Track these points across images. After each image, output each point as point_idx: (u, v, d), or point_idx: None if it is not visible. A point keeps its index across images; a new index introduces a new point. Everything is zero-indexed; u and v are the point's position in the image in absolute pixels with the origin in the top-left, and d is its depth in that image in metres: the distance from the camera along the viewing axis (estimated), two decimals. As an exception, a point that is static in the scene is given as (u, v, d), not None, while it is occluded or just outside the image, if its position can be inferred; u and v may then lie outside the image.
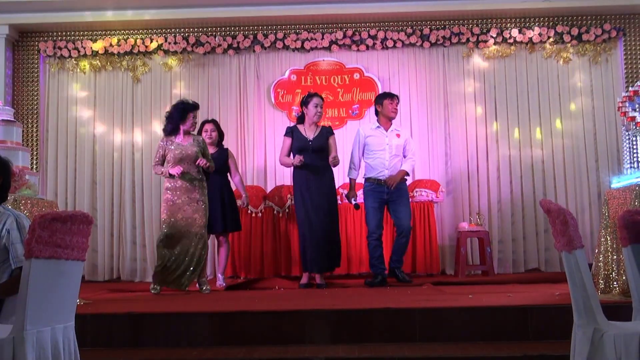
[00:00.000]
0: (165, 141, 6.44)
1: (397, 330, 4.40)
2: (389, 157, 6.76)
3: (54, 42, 8.54)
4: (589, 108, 8.37)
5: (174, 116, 6.44)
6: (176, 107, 6.50)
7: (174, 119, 6.43)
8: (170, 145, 6.39)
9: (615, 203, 5.26)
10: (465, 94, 8.46)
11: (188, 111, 6.45)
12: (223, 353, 4.14)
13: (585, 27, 8.33)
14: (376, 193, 6.71)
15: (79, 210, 4.78)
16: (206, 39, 8.49)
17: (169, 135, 6.45)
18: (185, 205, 6.29)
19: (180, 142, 6.41)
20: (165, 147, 6.42)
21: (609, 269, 5.18)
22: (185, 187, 6.32)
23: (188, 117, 6.44)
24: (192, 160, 6.37)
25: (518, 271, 8.15)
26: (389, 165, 6.74)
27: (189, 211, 6.29)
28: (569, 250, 2.94)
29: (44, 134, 8.56)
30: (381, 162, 6.74)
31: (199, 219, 6.30)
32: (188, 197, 6.31)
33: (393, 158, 6.77)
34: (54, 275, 2.88)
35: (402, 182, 6.82)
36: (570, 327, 3.08)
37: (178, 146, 6.38)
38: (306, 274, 6.71)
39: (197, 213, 6.31)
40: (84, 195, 8.43)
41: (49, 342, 2.85)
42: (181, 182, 6.31)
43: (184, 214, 6.27)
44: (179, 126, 6.43)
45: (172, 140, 6.42)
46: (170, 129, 6.44)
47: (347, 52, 8.59)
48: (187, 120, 6.43)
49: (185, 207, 6.29)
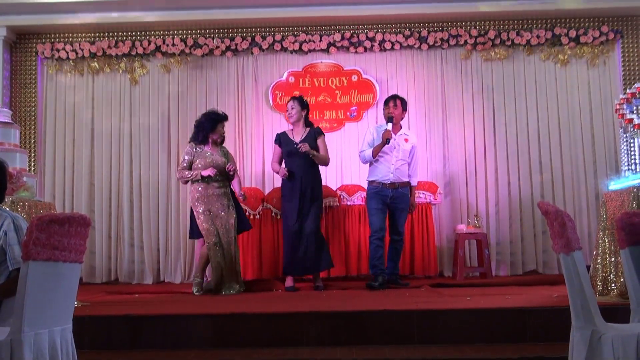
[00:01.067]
0: (195, 148, 6.50)
1: (395, 332, 4.41)
2: (395, 161, 6.70)
3: (51, 44, 8.54)
4: (587, 110, 8.38)
5: (205, 126, 6.52)
6: (208, 117, 6.58)
7: (205, 129, 6.51)
8: (199, 152, 6.46)
9: (612, 205, 5.27)
10: (463, 96, 8.46)
11: (219, 121, 6.56)
12: (221, 355, 4.14)
13: (582, 30, 8.34)
14: (380, 196, 6.66)
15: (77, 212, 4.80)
16: (204, 41, 8.49)
17: (198, 144, 6.52)
18: (220, 211, 6.40)
19: (210, 150, 6.51)
20: (194, 153, 6.48)
21: (606, 271, 5.19)
22: (217, 195, 6.42)
23: (218, 127, 6.55)
24: (221, 170, 6.47)
25: (516, 273, 8.15)
26: (394, 169, 6.69)
27: (225, 217, 6.40)
28: (567, 252, 2.94)
29: (41, 135, 8.56)
30: (387, 166, 6.69)
31: (233, 222, 6.46)
32: (221, 204, 6.42)
33: (399, 162, 6.72)
34: (52, 277, 2.87)
35: (406, 189, 6.79)
36: (568, 329, 3.08)
37: (208, 155, 6.48)
38: (289, 277, 6.75)
39: (231, 218, 6.46)
40: (82, 197, 8.42)
41: (47, 345, 2.85)
42: (212, 190, 6.41)
43: (222, 221, 6.39)
44: (208, 135, 6.52)
45: (201, 148, 6.50)
46: (202, 137, 6.52)
47: (345, 54, 8.59)
48: (217, 131, 6.54)
49: (221, 214, 6.39)
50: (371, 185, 6.77)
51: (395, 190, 6.67)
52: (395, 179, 6.68)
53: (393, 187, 6.67)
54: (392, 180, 6.67)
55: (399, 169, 6.71)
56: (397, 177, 6.69)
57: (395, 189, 6.67)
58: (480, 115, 8.42)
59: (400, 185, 6.72)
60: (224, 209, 6.43)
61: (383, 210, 6.68)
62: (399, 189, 6.69)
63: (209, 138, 6.53)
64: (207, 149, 6.51)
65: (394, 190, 6.66)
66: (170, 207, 8.38)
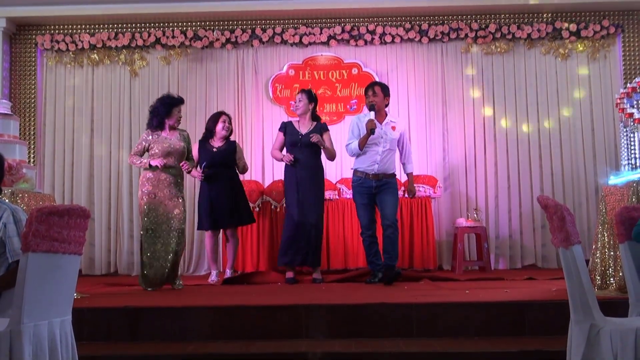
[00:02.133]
0: (151, 134, 6.31)
1: (394, 326, 4.41)
2: (382, 151, 6.39)
3: (51, 36, 8.52)
4: (587, 104, 8.38)
5: (159, 110, 6.31)
6: (162, 101, 6.37)
7: (160, 113, 6.31)
8: (156, 138, 6.28)
9: (612, 199, 5.26)
10: (463, 89, 8.46)
11: (174, 105, 6.35)
12: (219, 347, 4.14)
13: (583, 23, 8.33)
14: (364, 188, 6.40)
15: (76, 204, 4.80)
16: (204, 33, 8.47)
17: (154, 130, 6.33)
18: (167, 199, 6.21)
19: (167, 136, 6.32)
20: (149, 140, 6.29)
21: (605, 265, 5.19)
22: (168, 181, 6.23)
23: (174, 111, 6.34)
24: (179, 155, 6.31)
25: (515, 267, 8.17)
26: (380, 159, 6.38)
27: (170, 206, 6.21)
28: (566, 246, 2.94)
29: (41, 127, 8.55)
30: (373, 156, 6.39)
31: (179, 214, 6.23)
32: (169, 192, 6.23)
33: (386, 153, 6.42)
34: (51, 269, 2.88)
35: (392, 177, 6.50)
36: (567, 322, 3.09)
37: (165, 140, 6.28)
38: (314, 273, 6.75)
39: (177, 208, 6.24)
40: (81, 189, 8.42)
41: (46, 336, 2.85)
42: (165, 176, 6.22)
43: (165, 209, 6.19)
44: (164, 121, 6.31)
45: (158, 134, 6.30)
46: (157, 123, 6.31)
47: (345, 47, 8.58)
48: (172, 115, 6.33)
49: (167, 202, 6.20)
50: (355, 175, 6.51)
51: (379, 181, 6.38)
52: (381, 170, 6.38)
53: (377, 178, 6.38)
54: (377, 172, 6.37)
55: (386, 159, 6.41)
56: (382, 168, 6.39)
57: (379, 179, 6.38)
58: (480, 109, 8.42)
59: (385, 177, 6.41)
60: (170, 198, 6.21)
61: (370, 204, 6.44)
62: (383, 179, 6.39)
63: (164, 123, 6.31)
64: (164, 135, 6.31)
65: (377, 181, 6.38)
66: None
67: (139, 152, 6.33)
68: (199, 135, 7.65)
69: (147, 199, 6.20)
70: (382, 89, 6.54)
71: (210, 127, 6.97)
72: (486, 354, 3.94)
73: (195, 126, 8.38)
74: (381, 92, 6.50)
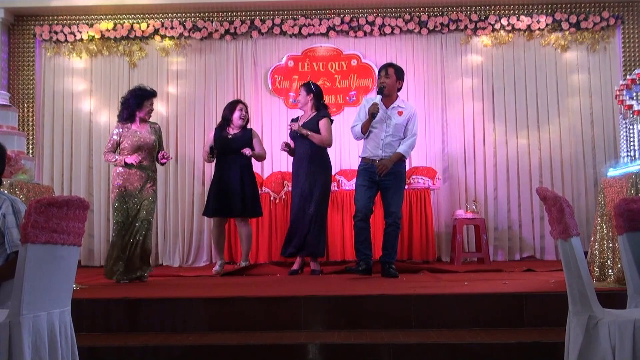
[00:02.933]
0: (121, 127, 6.24)
1: (392, 317, 4.42)
2: (384, 136, 6.06)
3: (49, 27, 8.50)
4: (587, 96, 8.37)
5: (130, 102, 6.23)
6: (133, 93, 6.29)
7: (131, 105, 6.23)
8: (126, 132, 6.21)
9: (611, 191, 5.27)
10: (462, 81, 8.46)
11: (145, 98, 6.27)
12: (219, 338, 4.15)
13: (583, 15, 8.31)
14: (368, 172, 6.08)
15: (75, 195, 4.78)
16: (203, 24, 8.45)
17: (124, 122, 6.27)
18: (137, 192, 6.18)
19: (137, 129, 6.25)
20: (120, 133, 6.22)
21: (604, 257, 5.20)
22: (139, 175, 6.20)
23: (145, 104, 6.26)
24: (149, 149, 6.26)
25: (513, 259, 8.18)
26: (383, 145, 6.06)
27: (139, 198, 6.18)
28: (565, 237, 2.94)
29: (39, 118, 8.54)
30: (376, 142, 6.09)
31: (147, 205, 6.20)
32: (140, 186, 6.20)
33: (388, 138, 6.07)
34: (50, 260, 2.88)
35: (399, 165, 6.13)
36: (565, 314, 3.09)
37: (135, 133, 6.21)
38: (297, 259, 6.72)
39: (146, 199, 6.21)
40: (80, 180, 8.42)
41: (45, 327, 2.86)
42: (135, 170, 6.18)
43: (134, 202, 6.17)
44: (135, 113, 6.24)
45: (128, 127, 6.23)
46: (127, 115, 6.23)
47: (344, 39, 8.56)
48: (144, 108, 6.25)
49: (137, 195, 6.18)
50: (362, 161, 6.22)
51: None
52: (386, 156, 6.05)
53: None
54: (382, 157, 6.05)
55: (390, 145, 6.07)
56: (387, 154, 6.06)
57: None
58: (479, 100, 8.41)
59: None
60: (141, 191, 6.18)
61: (370, 187, 6.07)
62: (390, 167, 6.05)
63: (135, 115, 6.24)
64: (134, 127, 6.24)
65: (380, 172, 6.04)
66: (169, 191, 8.38)
67: (112, 148, 6.27)
68: (196, 126, 7.68)
69: (118, 192, 6.17)
70: (395, 71, 6.21)
71: (227, 116, 6.90)
72: (485, 345, 3.95)
73: (194, 117, 8.38)
74: (394, 74, 6.19)
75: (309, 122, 6.60)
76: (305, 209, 6.51)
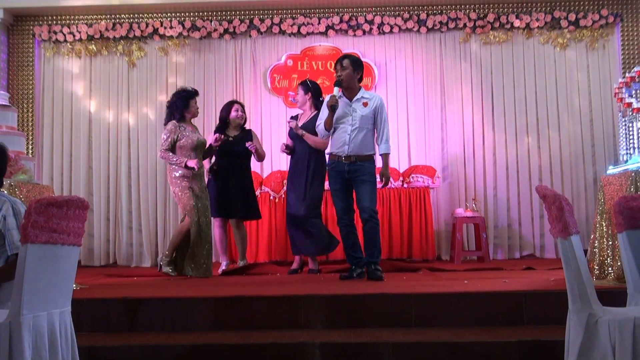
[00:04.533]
0: (177, 125, 6.33)
1: (392, 316, 4.42)
2: (351, 130, 5.76)
3: (49, 27, 8.50)
4: (586, 94, 8.37)
5: (178, 105, 6.37)
6: (179, 95, 6.42)
7: (179, 108, 6.36)
8: (184, 131, 6.32)
9: (610, 189, 5.27)
10: (461, 79, 8.46)
11: (190, 98, 6.41)
12: (219, 338, 4.15)
13: (582, 13, 8.32)
14: (336, 172, 5.85)
15: (75, 195, 4.79)
16: (202, 23, 8.45)
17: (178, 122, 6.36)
18: (201, 192, 6.33)
19: (192, 129, 6.41)
20: (178, 132, 6.30)
21: (604, 255, 5.20)
22: (200, 176, 6.36)
23: (191, 104, 6.41)
24: (203, 149, 6.43)
25: (513, 257, 8.19)
26: (349, 140, 5.76)
27: (203, 198, 6.34)
28: (565, 236, 2.94)
29: (39, 118, 8.54)
30: (342, 136, 5.80)
31: (209, 205, 6.42)
32: (200, 185, 6.36)
33: (355, 132, 5.77)
34: (50, 260, 2.88)
35: (366, 161, 5.81)
36: (565, 312, 3.09)
37: (192, 134, 6.36)
38: (296, 258, 6.72)
39: (207, 200, 6.42)
40: (80, 180, 8.42)
41: (46, 327, 2.86)
42: (197, 171, 6.30)
43: (201, 201, 6.31)
44: (183, 114, 6.38)
45: (184, 127, 6.35)
46: (178, 117, 6.36)
47: (343, 37, 8.56)
48: (191, 108, 6.40)
49: (200, 194, 6.33)
50: (329, 159, 5.98)
51: (352, 164, 5.77)
52: (352, 151, 5.76)
53: (349, 160, 5.77)
54: (349, 153, 5.76)
55: (357, 139, 5.76)
56: (354, 150, 5.76)
57: (353, 162, 5.77)
58: (479, 98, 8.41)
59: (359, 159, 5.77)
60: (202, 191, 6.36)
61: (344, 190, 5.86)
62: (357, 162, 5.77)
63: (185, 116, 6.38)
64: (188, 129, 6.37)
65: (350, 164, 5.77)
66: (168, 190, 8.36)
67: (169, 147, 6.29)
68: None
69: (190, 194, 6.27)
70: (351, 62, 5.86)
71: (224, 117, 6.90)
72: (485, 343, 3.95)
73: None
74: (350, 65, 5.83)
75: (309, 122, 6.47)
76: (302, 208, 6.41)
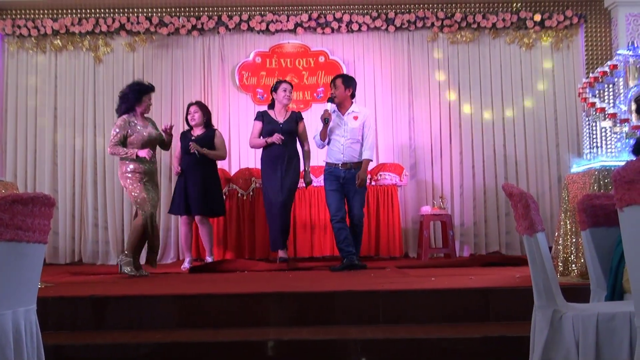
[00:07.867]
0: (128, 121, 6.21)
1: (360, 313, 4.44)
2: (344, 141, 6.53)
3: (12, 21, 8.34)
4: (551, 94, 8.49)
5: (129, 97, 6.25)
6: (132, 88, 6.32)
7: (130, 100, 6.24)
8: (134, 127, 6.22)
9: (574, 187, 5.36)
10: (429, 78, 8.50)
11: (144, 93, 6.31)
12: (187, 335, 4.13)
13: (547, 14, 8.42)
14: (333, 176, 6.54)
15: (40, 192, 4.72)
16: (170, 19, 8.37)
17: (128, 116, 6.24)
18: (151, 187, 6.28)
19: (142, 124, 6.30)
20: (127, 128, 6.19)
21: (568, 252, 5.28)
22: (151, 171, 6.29)
23: (144, 99, 6.30)
24: (155, 144, 6.37)
25: (479, 254, 8.26)
26: (344, 149, 6.51)
27: (153, 193, 6.28)
28: (530, 233, 2.99)
29: (2, 114, 8.39)
30: (337, 147, 6.55)
31: (158, 200, 6.43)
32: (152, 181, 6.32)
33: (347, 142, 6.53)
34: (15, 258, 2.84)
35: (358, 166, 6.54)
36: (531, 308, 3.14)
37: (143, 128, 6.27)
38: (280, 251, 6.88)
39: (157, 194, 6.42)
40: (45, 177, 8.29)
41: (11, 326, 2.82)
42: (148, 166, 6.25)
43: (153, 197, 6.26)
44: (134, 107, 6.26)
45: (134, 122, 6.24)
46: (125, 109, 6.24)
47: (312, 35, 8.56)
48: (143, 102, 6.29)
49: (153, 190, 6.29)
50: (327, 166, 6.68)
51: (347, 170, 6.50)
52: (347, 159, 6.52)
53: (345, 167, 6.50)
54: (344, 161, 6.51)
55: (350, 149, 6.53)
56: (348, 158, 6.52)
57: (348, 169, 6.50)
58: (446, 97, 8.47)
59: (353, 166, 6.51)
60: (154, 187, 6.33)
61: (338, 190, 6.52)
62: (351, 169, 6.50)
63: (135, 110, 6.26)
64: (139, 124, 6.27)
65: (346, 170, 6.49)
66: (135, 188, 8.30)
67: (119, 141, 6.18)
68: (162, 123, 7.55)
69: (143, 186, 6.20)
70: (343, 81, 6.64)
71: (187, 121, 7.08)
72: (451, 340, 4.00)
73: (160, 113, 8.28)
74: (342, 84, 6.59)
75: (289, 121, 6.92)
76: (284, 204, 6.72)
